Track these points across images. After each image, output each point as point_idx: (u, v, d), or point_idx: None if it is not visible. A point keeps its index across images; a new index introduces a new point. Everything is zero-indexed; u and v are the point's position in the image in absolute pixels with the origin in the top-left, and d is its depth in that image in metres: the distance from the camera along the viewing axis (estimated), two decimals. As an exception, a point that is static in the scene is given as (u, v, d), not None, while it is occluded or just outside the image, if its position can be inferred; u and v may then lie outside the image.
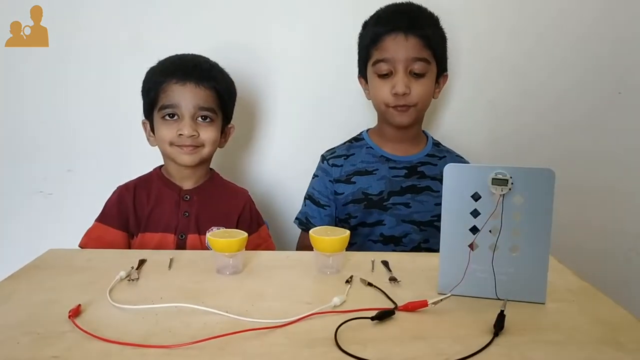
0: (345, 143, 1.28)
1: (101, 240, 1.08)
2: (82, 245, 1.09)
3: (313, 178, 1.27)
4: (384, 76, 1.16)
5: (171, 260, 0.89)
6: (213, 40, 1.32)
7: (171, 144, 1.10)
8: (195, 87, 1.09)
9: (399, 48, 1.13)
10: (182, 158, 1.11)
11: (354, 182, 1.21)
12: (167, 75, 1.09)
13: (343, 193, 1.21)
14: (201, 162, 1.14)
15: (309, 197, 1.25)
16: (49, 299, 0.74)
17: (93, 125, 1.39)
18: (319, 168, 1.27)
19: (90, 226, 1.12)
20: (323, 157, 1.27)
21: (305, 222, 1.24)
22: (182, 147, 1.09)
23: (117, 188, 1.15)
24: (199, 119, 1.10)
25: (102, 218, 1.12)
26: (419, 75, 1.14)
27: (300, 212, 1.26)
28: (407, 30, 1.12)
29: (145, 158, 1.21)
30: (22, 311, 0.70)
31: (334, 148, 1.28)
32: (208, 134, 1.11)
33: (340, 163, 1.23)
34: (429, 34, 1.14)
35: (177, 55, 1.15)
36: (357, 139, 1.28)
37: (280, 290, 0.79)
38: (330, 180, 1.22)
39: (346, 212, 1.21)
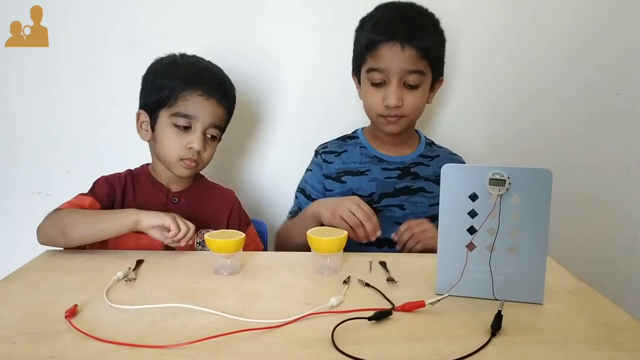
0: (338, 139, 1.27)
1: (81, 205, 1.03)
2: (62, 207, 1.02)
3: (306, 172, 1.26)
4: (377, 84, 1.14)
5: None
6: (212, 43, 1.32)
7: (177, 157, 1.08)
8: (217, 104, 1.08)
9: (394, 59, 1.09)
10: (181, 171, 1.10)
11: (345, 182, 1.20)
12: (191, 84, 1.06)
13: (332, 190, 1.20)
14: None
15: (301, 191, 1.23)
16: (46, 299, 0.74)
17: (91, 126, 1.39)
18: (312, 162, 1.26)
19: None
20: (316, 152, 1.26)
21: None
22: (185, 162, 1.08)
23: (108, 175, 1.12)
24: (208, 135, 1.09)
25: (91, 193, 1.08)
26: (412, 87, 1.12)
27: (293, 207, 1.25)
28: (404, 40, 1.08)
29: (145, 158, 1.20)
30: (18, 311, 0.70)
31: (326, 143, 1.26)
32: (210, 152, 1.11)
33: (332, 160, 1.22)
34: (427, 44, 1.10)
35: (199, 62, 1.12)
36: (352, 137, 1.27)
37: (277, 290, 0.79)
38: (323, 175, 1.22)
39: None
